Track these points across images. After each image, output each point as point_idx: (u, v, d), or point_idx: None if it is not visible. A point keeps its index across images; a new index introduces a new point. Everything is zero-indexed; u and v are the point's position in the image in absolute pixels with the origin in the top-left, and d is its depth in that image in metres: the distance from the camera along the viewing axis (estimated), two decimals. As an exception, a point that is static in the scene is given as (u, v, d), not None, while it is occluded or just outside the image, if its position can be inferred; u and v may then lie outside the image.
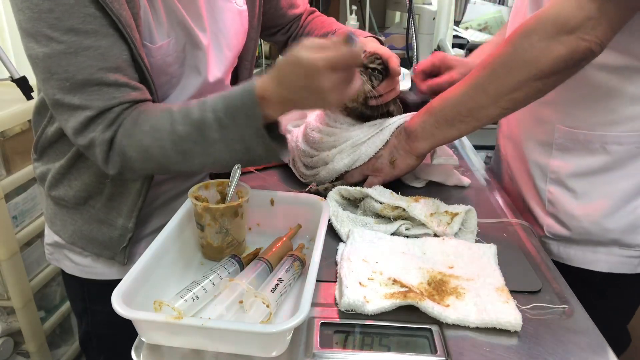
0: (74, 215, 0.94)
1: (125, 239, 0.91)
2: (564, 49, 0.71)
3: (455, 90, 0.82)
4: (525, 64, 0.73)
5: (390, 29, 2.21)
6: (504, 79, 0.76)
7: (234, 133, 0.73)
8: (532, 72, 0.73)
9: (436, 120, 0.84)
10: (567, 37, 0.70)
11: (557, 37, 0.70)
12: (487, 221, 0.85)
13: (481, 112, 0.79)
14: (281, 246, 0.74)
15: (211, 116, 0.73)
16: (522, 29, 0.74)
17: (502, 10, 3.10)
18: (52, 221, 0.99)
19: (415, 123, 0.87)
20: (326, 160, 0.92)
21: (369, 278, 0.68)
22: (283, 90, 0.71)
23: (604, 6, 0.69)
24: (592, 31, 0.70)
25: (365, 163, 0.91)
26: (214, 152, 0.75)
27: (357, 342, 0.61)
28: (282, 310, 0.66)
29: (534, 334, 0.62)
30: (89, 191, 0.90)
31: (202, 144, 0.74)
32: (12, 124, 1.35)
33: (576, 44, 0.70)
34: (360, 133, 0.92)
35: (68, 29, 0.70)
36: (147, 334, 0.59)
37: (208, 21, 0.89)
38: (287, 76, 0.70)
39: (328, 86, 0.68)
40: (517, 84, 0.75)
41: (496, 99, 0.77)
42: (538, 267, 0.76)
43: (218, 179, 0.80)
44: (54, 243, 1.01)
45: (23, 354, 1.56)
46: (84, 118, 0.74)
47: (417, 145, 0.87)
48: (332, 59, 0.67)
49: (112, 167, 0.78)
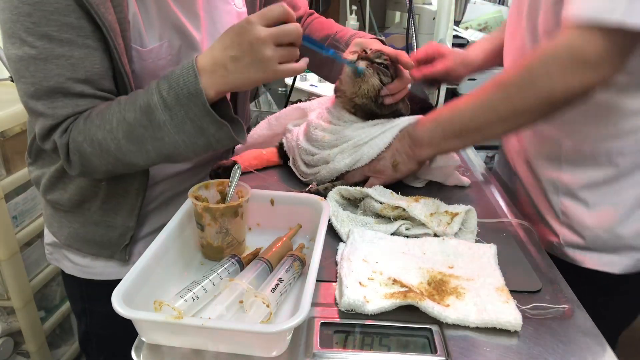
0: (70, 218, 0.93)
1: (126, 238, 0.91)
2: (578, 82, 0.72)
3: (465, 104, 0.83)
4: (539, 90, 0.74)
5: (390, 29, 2.21)
6: (516, 102, 0.77)
7: (180, 111, 0.72)
8: (545, 99, 0.75)
9: (443, 130, 0.85)
10: (582, 70, 0.71)
11: (573, 69, 0.71)
12: (487, 221, 0.85)
13: (489, 129, 0.81)
14: (281, 246, 0.74)
15: (156, 98, 0.72)
16: (540, 56, 0.74)
17: (502, 10, 3.10)
18: (50, 222, 0.98)
19: (422, 130, 0.87)
20: (327, 160, 0.92)
21: (369, 278, 0.68)
22: (218, 53, 0.72)
23: (620, 41, 0.69)
24: (606, 65, 0.70)
25: (367, 164, 0.90)
26: (164, 135, 0.74)
27: (357, 342, 0.61)
28: (282, 310, 0.66)
29: (534, 334, 0.62)
30: (83, 195, 0.89)
31: (151, 128, 0.73)
32: (12, 124, 1.35)
33: (591, 78, 0.71)
34: (362, 133, 0.92)
35: (43, 35, 0.70)
36: (147, 334, 0.59)
37: (205, 22, 0.89)
38: (225, 40, 0.72)
39: (270, 56, 0.70)
40: (528, 108, 0.76)
41: (505, 119, 0.79)
42: (538, 267, 0.76)
43: (218, 179, 0.80)
44: (53, 243, 1.01)
45: (23, 354, 1.56)
46: (47, 125, 0.75)
47: (421, 152, 0.88)
48: (275, 33, 0.69)
49: (73, 168, 0.78)
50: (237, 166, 0.78)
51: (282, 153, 1.03)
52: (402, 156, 0.89)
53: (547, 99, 0.74)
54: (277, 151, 1.03)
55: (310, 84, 1.89)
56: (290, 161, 0.99)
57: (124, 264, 0.96)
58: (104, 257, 0.95)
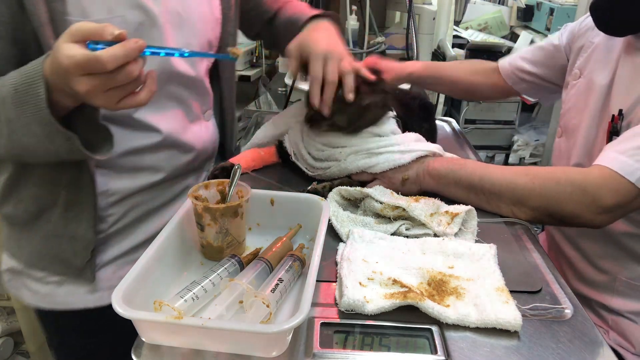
0: (29, 234, 0.84)
1: (88, 252, 0.83)
2: (590, 218, 0.80)
3: (492, 169, 0.86)
4: (553, 205, 0.81)
5: (390, 29, 2.21)
6: (533, 198, 0.82)
7: (26, 112, 0.63)
8: (556, 213, 0.82)
9: (458, 177, 0.87)
10: (596, 211, 0.79)
11: (589, 207, 0.79)
12: (487, 221, 0.85)
13: (498, 203, 0.86)
14: (281, 246, 0.74)
15: (6, 90, 0.64)
16: (571, 179, 0.80)
17: (502, 10, 3.10)
18: (8, 244, 0.89)
19: (440, 167, 0.88)
20: (338, 157, 0.92)
21: (369, 278, 0.68)
22: (53, 76, 0.61)
23: (632, 197, 0.78)
24: (617, 212, 0.80)
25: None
26: (12, 133, 0.66)
27: (357, 342, 0.61)
28: (282, 310, 0.66)
29: (534, 334, 0.62)
30: (41, 204, 0.81)
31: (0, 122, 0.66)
32: (12, 124, 1.35)
33: (601, 219, 0.80)
34: (371, 142, 0.91)
35: None
36: (147, 334, 0.59)
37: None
38: (53, 66, 0.60)
39: (84, 90, 0.58)
40: (537, 209, 0.83)
41: (515, 203, 0.84)
42: (538, 267, 0.76)
43: (218, 179, 0.80)
44: (12, 269, 0.90)
45: (23, 354, 1.56)
46: None
47: (429, 183, 0.89)
48: (82, 61, 0.56)
49: None
50: (237, 166, 0.78)
51: (282, 151, 1.02)
52: (413, 176, 0.90)
53: (558, 214, 0.82)
54: (275, 150, 1.03)
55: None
56: (293, 156, 0.99)
57: (91, 291, 0.87)
58: (71, 277, 0.86)
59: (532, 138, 2.79)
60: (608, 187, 0.78)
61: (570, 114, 1.03)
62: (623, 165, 0.78)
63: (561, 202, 0.80)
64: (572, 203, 0.79)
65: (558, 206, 0.81)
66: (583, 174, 0.81)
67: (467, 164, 0.89)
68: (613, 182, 0.78)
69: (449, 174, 0.87)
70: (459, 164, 0.89)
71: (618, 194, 0.78)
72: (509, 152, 2.86)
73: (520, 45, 2.76)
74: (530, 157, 2.79)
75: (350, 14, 1.98)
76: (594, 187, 0.78)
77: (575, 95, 1.03)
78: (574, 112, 1.02)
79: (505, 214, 0.86)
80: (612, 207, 0.79)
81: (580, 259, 1.02)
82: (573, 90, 1.03)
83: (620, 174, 0.78)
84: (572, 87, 1.04)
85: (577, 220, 0.81)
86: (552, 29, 2.58)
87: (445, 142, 1.15)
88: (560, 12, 2.55)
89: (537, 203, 0.82)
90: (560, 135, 1.09)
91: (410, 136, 0.94)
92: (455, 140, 1.25)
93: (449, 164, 0.89)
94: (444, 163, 0.89)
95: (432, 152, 0.91)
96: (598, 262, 0.98)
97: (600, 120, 0.95)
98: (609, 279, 0.97)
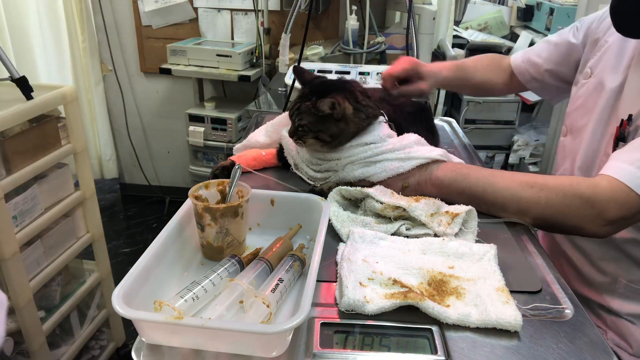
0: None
1: None
2: (594, 231, 0.80)
3: (496, 178, 0.86)
4: (558, 217, 0.81)
5: (390, 29, 2.21)
6: (535, 209, 0.82)
7: None
8: (559, 224, 0.82)
9: (461, 188, 0.86)
10: (600, 224, 0.79)
11: (594, 220, 0.79)
12: (488, 221, 0.85)
13: (500, 211, 0.86)
14: (281, 246, 0.74)
15: None
16: (579, 193, 0.80)
17: (502, 10, 3.10)
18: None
19: (443, 175, 0.88)
20: (335, 168, 0.91)
21: (369, 278, 0.68)
22: None
23: (635, 209, 0.77)
24: (621, 224, 0.80)
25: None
26: None
27: (357, 342, 0.61)
28: (283, 310, 0.66)
29: (534, 334, 0.62)
30: None
31: None
32: (12, 124, 1.34)
33: (604, 231, 0.80)
34: (369, 150, 0.90)
35: None
36: (147, 334, 0.59)
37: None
38: None
39: None
40: (540, 219, 0.83)
41: (517, 213, 0.85)
42: (538, 267, 0.76)
43: (218, 178, 0.80)
44: None
45: (23, 354, 1.56)
46: None
47: (430, 190, 0.88)
48: None
49: None
50: (238, 166, 0.78)
51: (282, 157, 1.02)
52: (413, 184, 0.89)
53: (566, 226, 0.82)
54: (276, 154, 1.03)
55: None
56: (293, 167, 0.99)
57: None
58: None
59: (532, 138, 2.79)
60: (616, 200, 0.77)
61: (578, 114, 1.02)
62: (632, 177, 0.77)
63: (566, 215, 0.80)
64: (577, 217, 0.79)
65: (562, 219, 0.81)
66: (591, 187, 0.79)
67: (471, 174, 0.87)
68: (621, 194, 0.77)
69: (452, 184, 0.86)
70: (462, 173, 0.87)
71: (624, 207, 0.77)
72: (509, 152, 2.85)
73: (520, 45, 2.76)
74: (530, 157, 2.79)
75: (350, 14, 1.98)
76: (602, 201, 0.78)
77: (584, 94, 1.01)
78: (582, 112, 1.01)
79: (507, 219, 0.86)
80: (617, 220, 0.78)
81: (581, 259, 1.01)
82: (582, 89, 1.02)
83: (629, 186, 0.76)
84: (581, 86, 1.03)
85: (580, 232, 0.81)
86: (552, 29, 2.58)
87: (445, 142, 1.15)
88: (560, 12, 2.55)
89: (540, 214, 0.82)
90: (565, 134, 1.07)
91: (411, 138, 0.91)
92: (455, 141, 1.25)
93: (453, 173, 0.87)
94: (447, 172, 0.87)
95: (434, 159, 0.89)
96: (599, 263, 0.98)
97: (608, 123, 0.94)
98: (609, 281, 0.96)
